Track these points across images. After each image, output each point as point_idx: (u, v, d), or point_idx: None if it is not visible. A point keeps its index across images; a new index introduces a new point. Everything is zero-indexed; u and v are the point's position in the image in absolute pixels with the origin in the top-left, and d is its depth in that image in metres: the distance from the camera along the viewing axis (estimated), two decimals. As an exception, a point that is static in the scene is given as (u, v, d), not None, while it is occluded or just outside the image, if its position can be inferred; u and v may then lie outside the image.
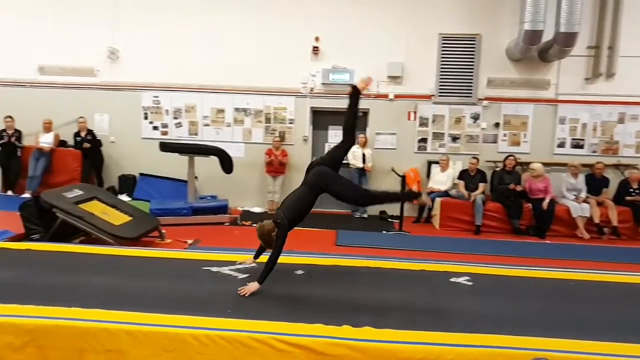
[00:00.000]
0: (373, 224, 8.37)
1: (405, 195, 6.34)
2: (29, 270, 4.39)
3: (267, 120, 9.29)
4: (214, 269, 4.64)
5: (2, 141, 9.00)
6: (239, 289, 3.89)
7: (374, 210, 8.94)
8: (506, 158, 8.39)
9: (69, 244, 5.49)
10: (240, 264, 4.68)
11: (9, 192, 9.01)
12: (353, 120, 4.38)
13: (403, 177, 7.77)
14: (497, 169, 8.58)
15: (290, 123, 9.27)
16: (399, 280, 4.36)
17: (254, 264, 4.54)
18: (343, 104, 8.94)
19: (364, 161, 8.83)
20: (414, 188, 6.59)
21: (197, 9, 9.10)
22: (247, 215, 8.54)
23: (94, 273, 4.38)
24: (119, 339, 3.07)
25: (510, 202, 8.02)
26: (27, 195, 8.63)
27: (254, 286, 3.87)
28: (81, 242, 5.88)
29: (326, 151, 6.15)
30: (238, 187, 9.05)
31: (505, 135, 9.11)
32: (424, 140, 9.26)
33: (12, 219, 6.48)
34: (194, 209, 7.73)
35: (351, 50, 8.96)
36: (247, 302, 3.72)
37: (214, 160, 8.24)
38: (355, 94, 4.31)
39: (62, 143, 9.26)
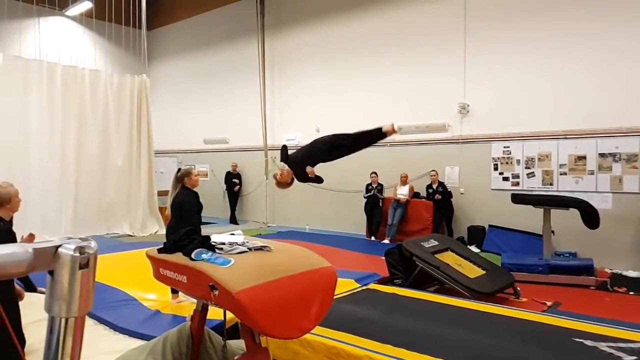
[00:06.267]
0: None
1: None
2: (394, 313, 4.68)
3: (645, 165, 7.69)
4: (589, 342, 3.91)
5: (368, 194, 10.42)
6: None
7: None
8: None
9: (426, 292, 5.69)
10: None
11: (372, 238, 10.27)
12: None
13: None
14: None
15: (680, 167, 7.40)
16: None
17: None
18: None
19: None
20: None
21: (549, 52, 8.52)
22: (618, 279, 7.10)
23: (451, 325, 4.35)
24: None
25: None
26: (386, 241, 9.65)
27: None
28: (435, 291, 6.01)
29: None
30: (605, 245, 7.69)
31: None
32: None
33: (376, 262, 7.28)
34: (551, 267, 6.93)
35: None
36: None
37: (573, 213, 7.28)
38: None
39: (416, 194, 10.03)
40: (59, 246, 0.87)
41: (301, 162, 4.52)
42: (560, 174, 8.47)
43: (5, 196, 3.21)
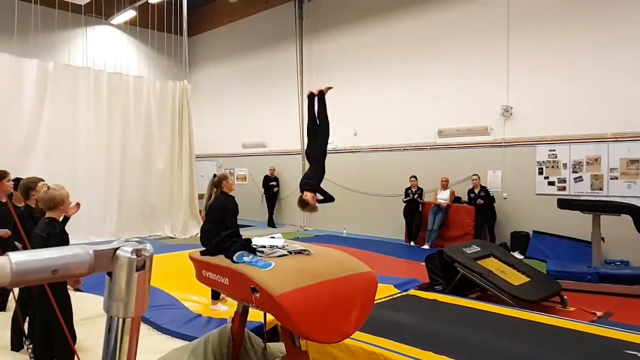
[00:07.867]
0: None
1: None
2: (435, 319, 4.59)
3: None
4: (641, 354, 3.72)
5: (407, 198, 10.29)
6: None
7: None
8: None
9: (468, 299, 5.56)
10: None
11: (412, 243, 10.13)
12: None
13: None
14: None
15: None
16: None
17: None
18: None
19: None
20: None
21: (595, 52, 8.20)
22: (674, 290, 6.72)
23: (493, 333, 4.23)
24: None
25: None
26: (426, 246, 9.50)
27: None
28: (477, 298, 5.87)
29: None
30: (660, 253, 7.33)
31: None
32: None
33: (416, 268, 7.16)
34: (601, 275, 6.63)
35: None
36: None
37: (624, 219, 6.96)
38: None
39: (457, 199, 9.82)
40: (117, 248, 0.89)
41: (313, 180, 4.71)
42: (611, 179, 8.10)
43: (58, 198, 3.34)
